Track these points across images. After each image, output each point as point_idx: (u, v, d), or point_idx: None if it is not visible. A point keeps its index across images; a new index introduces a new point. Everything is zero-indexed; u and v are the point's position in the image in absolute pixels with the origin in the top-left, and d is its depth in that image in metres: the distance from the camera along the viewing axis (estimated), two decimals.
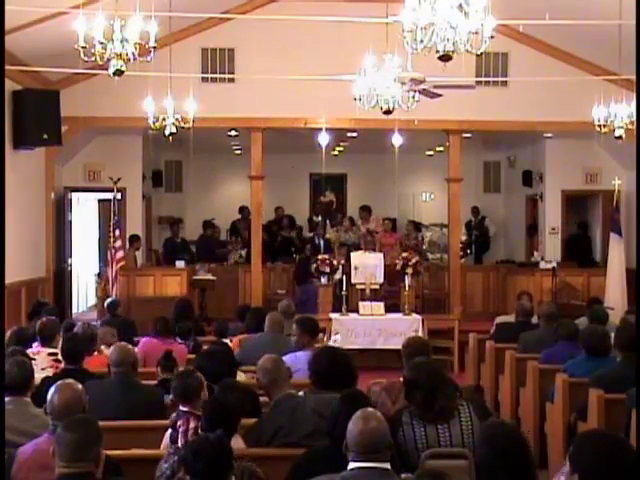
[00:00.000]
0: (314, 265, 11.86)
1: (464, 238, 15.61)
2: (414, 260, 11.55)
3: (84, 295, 16.19)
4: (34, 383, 4.85)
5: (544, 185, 14.90)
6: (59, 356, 6.06)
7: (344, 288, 11.06)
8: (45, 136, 10.98)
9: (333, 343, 9.58)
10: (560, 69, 12.23)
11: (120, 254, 11.89)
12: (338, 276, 11.75)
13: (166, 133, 9.16)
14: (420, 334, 10.08)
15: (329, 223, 16.15)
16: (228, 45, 12.47)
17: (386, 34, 7.90)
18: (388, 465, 3.45)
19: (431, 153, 16.86)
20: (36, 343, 6.64)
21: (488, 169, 17.63)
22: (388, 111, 8.32)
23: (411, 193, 18.00)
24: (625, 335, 6.12)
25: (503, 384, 7.99)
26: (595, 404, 5.69)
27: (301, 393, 4.82)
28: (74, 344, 5.84)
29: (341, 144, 16.39)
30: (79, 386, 4.18)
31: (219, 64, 12.44)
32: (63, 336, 6.29)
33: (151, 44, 6.29)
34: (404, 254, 11.80)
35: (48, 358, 6.34)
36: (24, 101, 10.66)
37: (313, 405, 4.53)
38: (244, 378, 5.98)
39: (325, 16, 10.50)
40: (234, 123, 13.12)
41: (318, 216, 17.05)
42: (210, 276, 13.20)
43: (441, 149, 15.28)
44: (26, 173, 11.27)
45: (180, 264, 12.98)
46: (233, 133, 14.40)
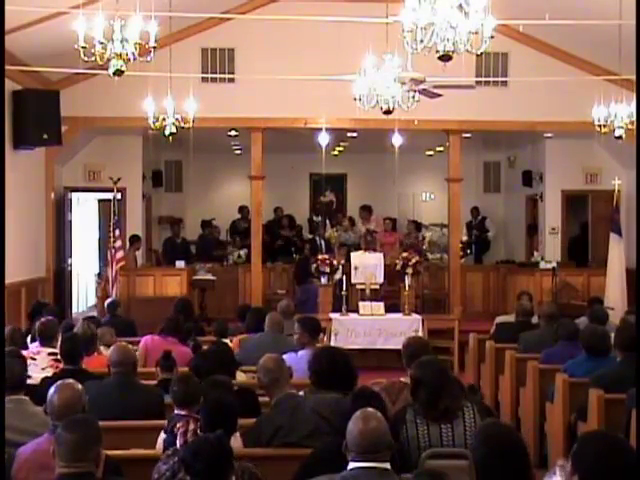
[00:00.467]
0: (314, 265, 11.86)
1: (464, 238, 15.60)
2: (414, 260, 11.54)
3: (84, 295, 16.20)
4: (26, 381, 4.84)
5: (544, 185, 14.90)
6: (59, 356, 6.06)
7: (344, 288, 11.05)
8: (45, 136, 10.98)
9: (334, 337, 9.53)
10: (560, 69, 12.22)
11: (120, 254, 11.90)
12: (338, 276, 11.75)
13: (166, 133, 9.16)
14: (420, 334, 10.08)
15: (329, 223, 16.15)
16: (228, 45, 12.46)
17: (386, 34, 7.89)
18: (388, 465, 3.45)
19: (431, 153, 16.85)
20: (36, 343, 6.64)
21: (488, 169, 17.61)
22: (388, 111, 8.31)
23: (411, 193, 17.97)
24: (625, 335, 6.12)
25: (503, 384, 7.99)
26: (595, 404, 5.69)
27: (301, 393, 4.81)
28: (73, 344, 5.83)
29: (341, 144, 16.38)
30: (79, 386, 4.18)
31: (219, 64, 12.44)
32: (62, 336, 6.27)
33: (151, 44, 6.30)
34: (404, 254, 11.79)
35: (48, 358, 6.33)
36: (24, 101, 10.66)
37: (313, 405, 4.53)
38: (244, 378, 5.98)
39: (325, 16, 10.51)
40: (234, 123, 13.11)
41: (318, 216, 17.06)
42: (210, 276, 13.19)
43: (441, 149, 15.27)
44: (26, 173, 11.27)
45: (180, 264, 12.99)
46: (233, 133, 14.39)
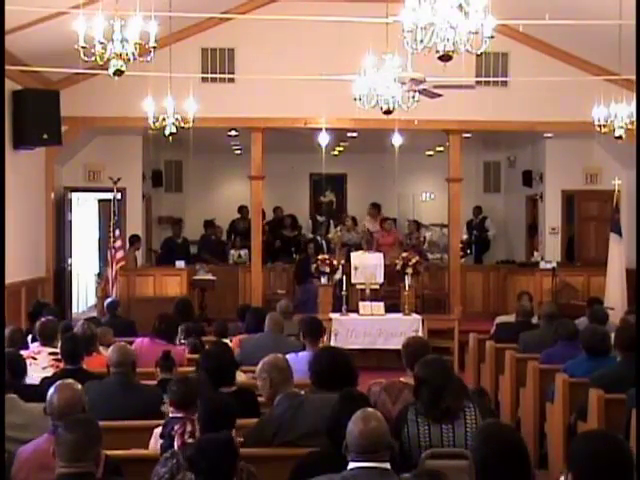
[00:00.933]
0: (314, 265, 11.84)
1: (464, 237, 15.60)
2: (414, 260, 11.53)
3: (84, 295, 16.20)
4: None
5: (544, 185, 14.90)
6: (60, 356, 6.06)
7: (344, 288, 11.06)
8: (45, 136, 10.98)
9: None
10: (560, 69, 12.22)
11: (120, 254, 11.90)
12: (338, 276, 11.74)
13: (166, 133, 9.16)
14: (420, 334, 10.07)
15: (332, 223, 16.15)
16: (228, 45, 12.46)
17: (386, 34, 7.89)
18: (388, 465, 3.45)
19: (431, 153, 16.84)
20: (37, 343, 6.64)
21: (488, 169, 17.61)
22: (388, 111, 8.31)
23: (411, 193, 17.96)
24: (625, 335, 6.12)
25: (503, 384, 7.98)
26: (595, 404, 5.69)
27: (302, 393, 4.81)
28: (73, 344, 5.83)
29: (341, 144, 16.37)
30: (79, 386, 4.18)
31: (219, 64, 12.44)
32: (62, 336, 6.28)
33: (151, 44, 6.30)
34: (404, 254, 11.78)
35: (49, 358, 6.33)
36: (24, 101, 10.66)
37: (313, 405, 4.52)
38: (244, 378, 5.97)
39: (325, 16, 10.51)
40: (234, 123, 13.11)
41: (322, 216, 17.07)
42: (210, 276, 13.19)
43: (441, 149, 15.27)
44: (26, 173, 11.26)
45: (180, 264, 12.98)
46: (233, 133, 14.39)
